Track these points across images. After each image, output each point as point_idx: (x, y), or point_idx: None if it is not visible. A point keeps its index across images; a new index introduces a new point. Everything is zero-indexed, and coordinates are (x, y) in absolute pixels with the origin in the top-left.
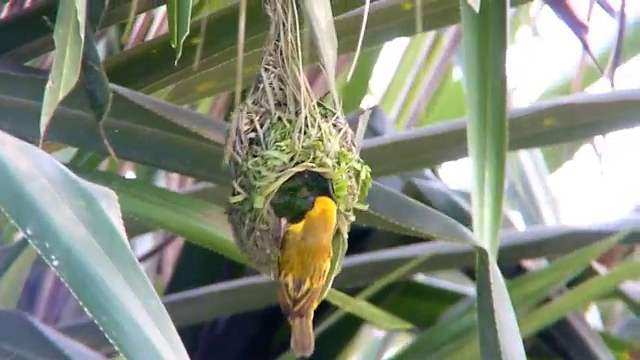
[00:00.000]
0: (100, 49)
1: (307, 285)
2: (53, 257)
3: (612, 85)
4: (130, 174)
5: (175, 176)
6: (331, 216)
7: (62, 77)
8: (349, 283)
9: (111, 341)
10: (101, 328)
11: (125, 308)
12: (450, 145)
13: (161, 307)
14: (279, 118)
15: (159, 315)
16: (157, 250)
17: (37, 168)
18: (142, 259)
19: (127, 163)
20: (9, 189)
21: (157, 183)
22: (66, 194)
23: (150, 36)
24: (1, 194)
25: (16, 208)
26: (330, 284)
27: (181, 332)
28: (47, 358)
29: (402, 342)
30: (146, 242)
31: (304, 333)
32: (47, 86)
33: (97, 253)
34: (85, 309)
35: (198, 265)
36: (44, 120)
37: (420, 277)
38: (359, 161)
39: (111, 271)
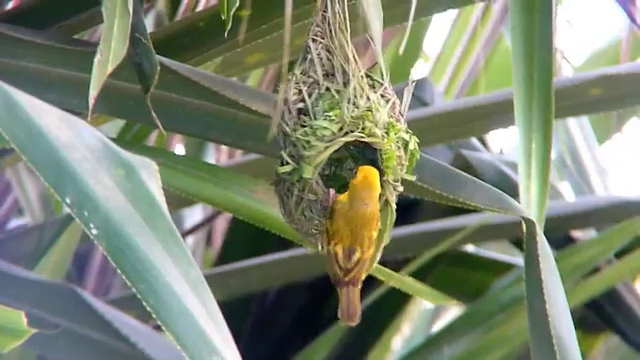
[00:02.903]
0: (149, 21)
1: (358, 255)
2: (92, 225)
3: None
4: (179, 146)
5: (225, 147)
6: (373, 182)
7: (111, 50)
8: (398, 254)
9: (149, 309)
10: (139, 296)
11: (164, 277)
12: (499, 114)
13: (200, 277)
14: (327, 88)
15: (198, 285)
16: (207, 222)
17: (77, 138)
18: (192, 231)
19: (176, 135)
20: (49, 158)
21: (207, 154)
22: (106, 164)
23: (199, 8)
24: (41, 163)
25: (56, 177)
26: (379, 254)
27: (231, 303)
28: (95, 330)
29: (453, 312)
30: (196, 213)
31: (351, 302)
32: (95, 59)
33: (136, 222)
34: (123, 277)
35: (248, 236)
36: (93, 93)
37: (469, 248)
38: (408, 131)
39: (150, 240)
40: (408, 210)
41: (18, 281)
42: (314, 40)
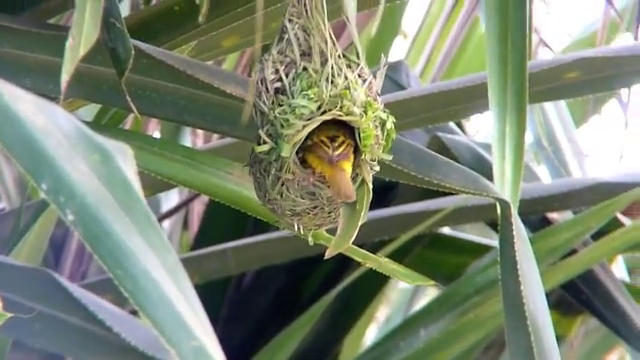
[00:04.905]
0: (125, 5)
1: (341, 138)
2: (68, 211)
3: (635, 38)
4: (156, 133)
5: (201, 132)
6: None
7: (82, 34)
8: (374, 236)
9: (126, 295)
10: (116, 282)
11: (141, 262)
12: (476, 98)
13: (178, 262)
14: (305, 68)
15: (175, 270)
16: (183, 205)
17: (53, 124)
18: (168, 214)
19: (152, 121)
20: (25, 145)
21: (183, 138)
22: (81, 149)
23: None
24: (17, 150)
25: (32, 163)
26: (355, 232)
27: (208, 286)
28: (71, 314)
29: (432, 293)
30: (172, 197)
31: (343, 182)
32: (67, 43)
33: (112, 208)
34: (100, 263)
35: (225, 219)
36: (65, 77)
37: (445, 230)
38: (385, 111)
39: (126, 225)
40: (384, 193)
41: None
42: (290, 20)
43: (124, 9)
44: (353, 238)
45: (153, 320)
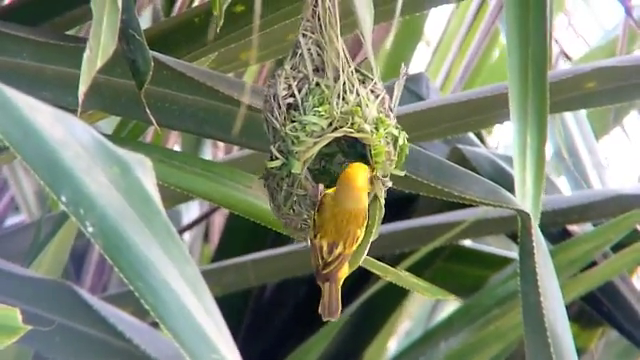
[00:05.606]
0: (146, 18)
1: (339, 249)
2: (88, 223)
3: None
4: (177, 146)
5: (221, 144)
6: (360, 180)
7: (100, 45)
8: (395, 249)
9: (146, 307)
10: (136, 294)
11: (161, 274)
12: (495, 108)
13: (197, 274)
14: (317, 84)
15: (196, 282)
16: (204, 218)
17: (71, 135)
18: (189, 227)
19: (173, 133)
20: (44, 157)
21: (204, 150)
22: (100, 161)
23: (195, 4)
24: (36, 162)
25: (51, 175)
26: (366, 250)
27: (228, 299)
28: (91, 327)
29: (453, 306)
30: (193, 210)
31: (332, 298)
32: (85, 55)
33: (132, 219)
34: (121, 275)
35: (245, 232)
36: (82, 89)
37: (467, 242)
38: (397, 127)
39: (146, 237)
40: (404, 205)
41: (14, 278)
42: (304, 35)
43: (145, 21)
44: (365, 255)
45: (174, 332)
